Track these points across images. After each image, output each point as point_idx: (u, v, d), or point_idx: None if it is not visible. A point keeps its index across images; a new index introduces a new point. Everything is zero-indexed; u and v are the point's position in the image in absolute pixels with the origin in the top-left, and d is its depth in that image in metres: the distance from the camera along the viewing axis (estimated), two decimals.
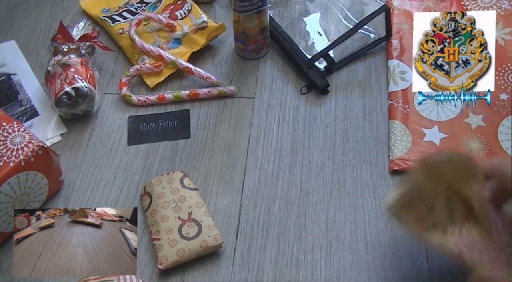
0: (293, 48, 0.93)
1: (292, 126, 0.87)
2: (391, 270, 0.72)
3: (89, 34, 0.95)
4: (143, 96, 0.91)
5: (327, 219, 0.77)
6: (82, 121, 0.90)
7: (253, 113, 0.89)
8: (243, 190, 0.81)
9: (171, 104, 0.91)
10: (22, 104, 0.92)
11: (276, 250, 0.75)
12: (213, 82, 0.92)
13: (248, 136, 0.87)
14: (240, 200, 0.80)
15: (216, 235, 0.74)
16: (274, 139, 0.86)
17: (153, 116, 0.90)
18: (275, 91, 0.92)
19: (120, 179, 0.83)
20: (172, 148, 0.86)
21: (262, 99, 0.91)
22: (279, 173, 0.82)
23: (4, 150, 0.73)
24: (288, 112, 0.89)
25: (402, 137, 0.83)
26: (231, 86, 0.91)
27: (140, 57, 0.95)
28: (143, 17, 0.98)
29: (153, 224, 0.76)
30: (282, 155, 0.84)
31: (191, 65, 0.92)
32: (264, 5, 0.88)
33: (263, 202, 0.79)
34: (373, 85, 0.91)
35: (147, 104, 0.91)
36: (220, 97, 0.91)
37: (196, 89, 0.91)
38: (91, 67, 0.90)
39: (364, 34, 0.96)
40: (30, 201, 0.77)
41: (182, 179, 0.79)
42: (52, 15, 1.05)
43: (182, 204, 0.76)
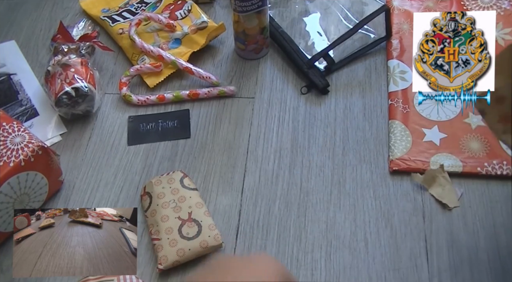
0: (293, 48, 0.93)
1: (292, 126, 0.87)
2: (391, 270, 0.72)
3: (89, 34, 0.95)
4: (143, 96, 0.91)
5: (327, 219, 0.77)
6: (82, 121, 0.90)
7: (253, 113, 0.89)
8: (243, 190, 0.81)
9: (171, 104, 0.91)
10: (22, 104, 0.92)
11: (276, 250, 0.75)
12: (213, 82, 0.92)
13: (248, 136, 0.86)
14: (240, 200, 0.80)
15: (216, 235, 0.74)
16: (274, 140, 0.86)
17: (153, 116, 0.90)
18: (275, 91, 0.92)
19: (120, 179, 0.83)
20: (172, 148, 0.86)
21: (262, 99, 0.91)
22: (279, 173, 0.82)
23: (4, 150, 0.73)
24: (288, 112, 0.89)
25: (402, 137, 0.83)
26: (231, 86, 0.91)
27: (140, 57, 0.95)
28: (143, 17, 0.98)
29: (153, 224, 0.76)
30: (282, 155, 0.84)
31: (191, 65, 0.92)
32: (264, 5, 0.88)
33: (263, 202, 0.79)
34: (373, 85, 0.91)
35: (147, 104, 0.91)
36: (220, 97, 0.91)
37: (196, 89, 0.91)
38: (91, 67, 0.90)
39: (364, 34, 0.96)
40: (30, 201, 0.77)
41: (182, 179, 0.79)
42: (52, 15, 1.05)
43: (182, 204, 0.76)
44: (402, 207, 0.78)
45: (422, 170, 0.80)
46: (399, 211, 0.77)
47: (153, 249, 0.75)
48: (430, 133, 0.84)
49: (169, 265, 0.72)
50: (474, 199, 0.78)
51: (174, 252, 0.72)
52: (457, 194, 0.78)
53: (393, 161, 0.81)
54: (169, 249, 0.72)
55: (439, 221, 0.76)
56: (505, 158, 0.80)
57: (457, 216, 0.77)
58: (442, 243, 0.74)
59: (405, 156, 0.82)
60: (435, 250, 0.74)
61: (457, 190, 0.78)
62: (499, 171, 0.79)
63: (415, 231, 0.76)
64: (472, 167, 0.80)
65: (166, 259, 0.72)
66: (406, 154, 0.82)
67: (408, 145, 0.83)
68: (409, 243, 0.75)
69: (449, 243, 0.74)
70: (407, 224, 0.76)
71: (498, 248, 0.74)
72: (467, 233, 0.75)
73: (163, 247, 0.73)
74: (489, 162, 0.80)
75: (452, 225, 0.76)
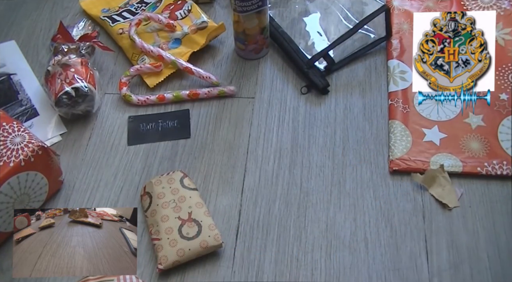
0: (293, 48, 0.93)
1: (292, 126, 0.87)
2: (391, 270, 0.72)
3: (89, 34, 0.95)
4: (143, 96, 0.91)
5: (327, 219, 0.77)
6: (82, 121, 0.90)
7: (253, 113, 0.89)
8: (243, 190, 0.81)
9: (171, 104, 0.91)
10: (22, 104, 0.92)
11: (276, 250, 0.75)
12: (213, 82, 0.92)
13: (248, 136, 0.87)
14: (240, 200, 0.80)
15: (216, 235, 0.74)
16: (274, 140, 0.86)
17: (153, 116, 0.90)
18: (275, 91, 0.92)
19: (120, 179, 0.83)
20: (172, 148, 0.86)
21: (262, 99, 0.91)
22: (279, 173, 0.82)
23: (4, 150, 0.73)
24: (288, 112, 0.89)
25: (402, 137, 0.83)
26: (231, 86, 0.91)
27: (140, 57, 0.95)
28: (143, 17, 0.98)
29: (153, 224, 0.76)
30: (282, 155, 0.84)
31: (191, 65, 0.92)
32: (264, 5, 0.88)
33: (263, 202, 0.80)
34: (373, 85, 0.91)
35: (147, 104, 0.91)
36: (220, 97, 0.91)
37: (196, 89, 0.91)
38: (91, 67, 0.90)
39: (364, 34, 0.96)
40: (30, 201, 0.77)
41: (182, 179, 0.79)
42: (52, 15, 1.05)
43: (182, 204, 0.76)
44: (402, 207, 0.78)
45: (422, 170, 0.80)
46: (399, 211, 0.78)
47: (153, 249, 0.75)
48: (430, 133, 0.84)
49: (169, 265, 0.72)
50: (474, 199, 0.78)
51: (174, 252, 0.72)
52: (457, 194, 0.78)
53: (393, 161, 0.81)
54: (169, 249, 0.72)
55: (439, 221, 0.76)
56: (505, 158, 0.80)
57: (457, 216, 0.77)
58: (442, 243, 0.74)
59: (405, 156, 0.82)
60: (435, 250, 0.74)
61: (457, 190, 0.78)
62: (499, 171, 0.79)
63: (415, 231, 0.76)
64: (472, 167, 0.80)
65: (166, 259, 0.72)
66: (406, 154, 0.82)
67: (408, 145, 0.83)
68: (409, 243, 0.75)
69: (449, 243, 0.74)
70: (407, 224, 0.76)
71: (498, 248, 0.74)
72: (467, 233, 0.75)
73: (163, 247, 0.73)
74: (489, 162, 0.80)
75: (452, 225, 0.76)
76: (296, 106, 0.89)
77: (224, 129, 0.88)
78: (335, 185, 0.80)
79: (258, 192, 0.80)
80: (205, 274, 0.73)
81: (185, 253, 0.72)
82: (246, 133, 0.87)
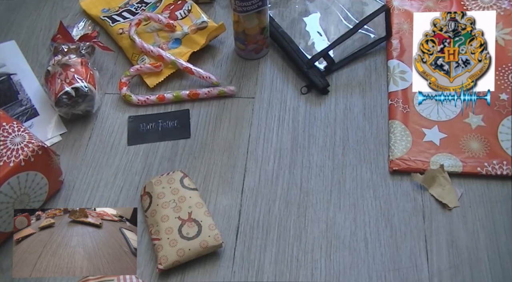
0: (293, 48, 0.93)
1: (292, 126, 0.87)
2: (391, 270, 0.72)
3: (89, 34, 0.95)
4: (143, 96, 0.91)
5: (327, 219, 0.77)
6: (82, 121, 0.90)
7: (253, 113, 0.89)
8: (243, 190, 0.81)
9: (171, 104, 0.91)
10: (22, 104, 0.92)
11: (276, 250, 0.75)
12: (213, 82, 0.92)
13: (248, 136, 0.87)
14: (240, 200, 0.80)
15: (216, 235, 0.74)
16: (274, 140, 0.86)
17: (153, 116, 0.90)
18: (275, 91, 0.92)
19: (120, 179, 0.83)
20: (172, 148, 0.86)
21: (262, 99, 0.91)
22: (279, 173, 0.82)
23: (4, 150, 0.73)
24: (288, 112, 0.89)
25: (402, 137, 0.83)
26: (231, 86, 0.91)
27: (140, 57, 0.95)
28: (143, 17, 0.98)
29: (153, 224, 0.76)
30: (282, 155, 0.84)
31: (191, 65, 0.92)
32: (264, 5, 0.88)
33: (263, 202, 0.80)
34: (373, 85, 0.91)
35: (147, 104, 0.91)
36: (220, 97, 0.91)
37: (196, 89, 0.91)
38: (91, 67, 0.90)
39: (364, 34, 0.96)
40: (30, 201, 0.77)
41: (182, 179, 0.79)
42: (52, 15, 1.05)
43: (182, 204, 0.76)
44: (402, 207, 0.78)
45: (422, 170, 0.80)
46: (399, 211, 0.78)
47: (153, 249, 0.75)
48: (430, 133, 0.84)
49: (169, 265, 0.72)
50: (474, 199, 0.78)
51: (174, 252, 0.72)
52: (457, 194, 0.78)
53: (393, 161, 0.81)
54: (169, 249, 0.72)
55: (439, 221, 0.76)
56: (505, 158, 0.80)
57: (457, 216, 0.77)
58: (442, 243, 0.74)
59: (405, 156, 0.82)
60: (435, 250, 0.74)
61: (457, 190, 0.78)
62: (499, 171, 0.79)
63: (415, 231, 0.76)
64: (472, 167, 0.80)
65: (166, 259, 0.72)
66: (406, 154, 0.82)
67: (408, 145, 0.83)
68: (409, 243, 0.75)
69: (449, 243, 0.74)
70: (407, 224, 0.76)
71: (498, 248, 0.74)
72: (467, 233, 0.75)
73: (163, 247, 0.73)
74: (489, 162, 0.80)
75: (452, 225, 0.76)
76: (296, 106, 0.89)
77: (224, 129, 0.88)
78: (335, 185, 0.80)
79: (258, 192, 0.80)
80: (205, 274, 0.73)
81: (185, 253, 0.72)
82: (246, 133, 0.87)
